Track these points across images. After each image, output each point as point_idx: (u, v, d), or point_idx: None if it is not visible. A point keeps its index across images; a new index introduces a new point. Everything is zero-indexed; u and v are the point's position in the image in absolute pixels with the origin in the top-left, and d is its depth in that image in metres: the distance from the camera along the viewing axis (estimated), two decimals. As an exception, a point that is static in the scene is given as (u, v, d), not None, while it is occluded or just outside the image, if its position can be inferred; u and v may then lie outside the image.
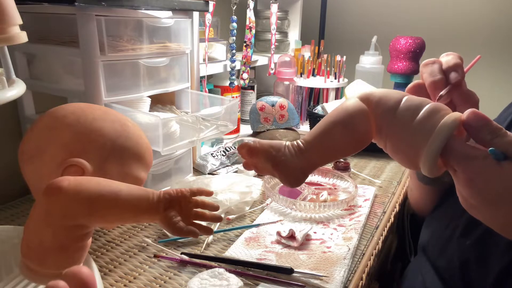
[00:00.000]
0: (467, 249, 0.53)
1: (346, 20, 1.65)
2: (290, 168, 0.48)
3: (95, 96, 0.65)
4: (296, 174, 0.48)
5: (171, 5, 0.73)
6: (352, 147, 0.49)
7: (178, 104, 0.88)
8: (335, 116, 0.48)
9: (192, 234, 0.44)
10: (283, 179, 0.49)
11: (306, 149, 0.48)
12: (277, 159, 0.48)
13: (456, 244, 0.55)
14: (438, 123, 0.40)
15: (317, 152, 0.48)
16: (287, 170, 0.48)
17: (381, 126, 0.45)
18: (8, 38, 0.42)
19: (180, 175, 0.85)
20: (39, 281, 0.43)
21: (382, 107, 0.45)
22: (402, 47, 1.19)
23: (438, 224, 0.63)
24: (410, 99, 0.44)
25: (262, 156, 0.48)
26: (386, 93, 0.46)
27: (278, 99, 1.16)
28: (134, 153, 0.54)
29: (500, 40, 1.40)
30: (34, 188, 0.52)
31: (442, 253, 0.58)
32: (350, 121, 0.47)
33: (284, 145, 0.49)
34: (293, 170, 0.48)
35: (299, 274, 0.56)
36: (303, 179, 0.49)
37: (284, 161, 0.48)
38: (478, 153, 0.37)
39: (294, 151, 0.48)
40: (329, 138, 0.48)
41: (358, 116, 0.46)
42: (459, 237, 0.55)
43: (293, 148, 0.49)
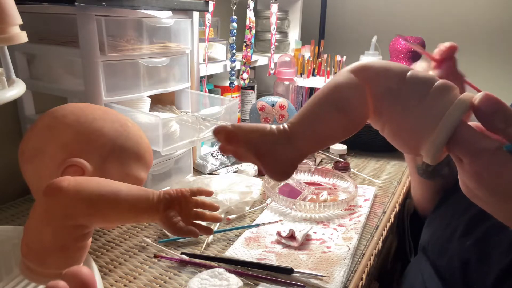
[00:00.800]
0: (468, 249, 0.53)
1: (346, 20, 1.65)
2: (276, 159, 0.41)
3: (95, 96, 0.65)
4: (284, 166, 0.42)
5: (171, 5, 0.73)
6: (346, 132, 0.43)
7: (178, 104, 0.88)
8: (325, 97, 0.42)
9: (192, 234, 0.44)
10: (269, 171, 0.42)
11: (293, 135, 0.41)
12: (261, 148, 0.41)
13: (457, 244, 0.55)
14: (448, 107, 0.35)
15: (307, 139, 0.42)
16: (273, 162, 0.41)
17: (380, 107, 0.40)
18: (8, 38, 0.42)
19: (180, 175, 0.85)
20: (39, 281, 0.43)
21: (382, 85, 0.40)
22: (402, 47, 1.19)
23: (438, 224, 0.63)
24: (414, 76, 0.39)
25: (242, 143, 0.41)
26: (385, 68, 0.40)
27: (278, 99, 1.16)
28: (134, 153, 0.54)
29: (501, 40, 1.40)
30: (34, 188, 0.52)
31: (442, 253, 0.58)
32: (344, 104, 0.41)
33: (267, 130, 0.42)
34: (280, 161, 0.41)
35: (299, 274, 0.56)
36: (292, 172, 0.43)
37: (269, 151, 0.41)
38: (488, 145, 0.34)
39: (280, 138, 0.41)
40: (320, 123, 0.41)
41: (353, 97, 0.41)
42: (459, 237, 0.55)
43: (279, 133, 0.42)
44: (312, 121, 0.42)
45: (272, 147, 0.41)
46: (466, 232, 0.54)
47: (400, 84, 0.39)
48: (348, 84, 0.41)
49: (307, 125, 0.42)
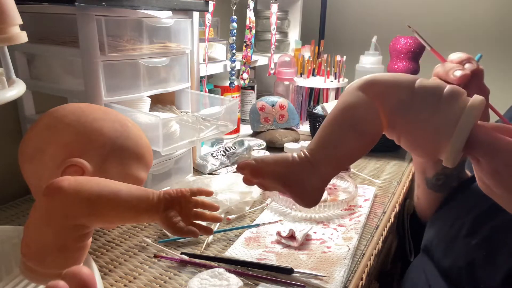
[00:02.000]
0: (473, 249, 0.52)
1: (346, 20, 1.65)
2: (305, 188, 0.42)
3: (95, 96, 0.65)
4: (313, 193, 0.43)
5: (171, 5, 0.73)
6: (364, 149, 0.44)
7: (178, 104, 0.88)
8: (341, 120, 0.42)
9: (192, 234, 0.44)
10: (299, 200, 0.43)
11: (317, 163, 0.42)
12: (288, 179, 0.42)
13: (462, 244, 0.54)
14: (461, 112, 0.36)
15: (330, 164, 0.42)
16: (301, 190, 0.42)
17: (394, 121, 0.41)
18: (8, 38, 0.42)
19: (180, 175, 0.85)
20: (39, 281, 0.43)
21: (393, 99, 0.40)
22: (402, 47, 1.19)
23: (441, 224, 0.62)
24: (423, 87, 0.39)
25: (268, 176, 0.42)
26: (393, 81, 0.41)
27: (278, 99, 1.16)
28: (134, 153, 0.54)
29: (501, 40, 1.40)
30: (34, 188, 0.52)
31: (446, 253, 0.57)
32: (360, 125, 0.41)
33: (291, 160, 0.43)
34: (308, 189, 0.42)
35: (299, 274, 0.56)
36: (320, 198, 0.43)
37: (296, 181, 0.42)
38: (505, 144, 0.35)
39: (304, 167, 0.42)
40: (340, 147, 0.42)
41: (367, 116, 0.41)
42: (464, 237, 0.54)
43: (301, 162, 0.42)
44: (332, 146, 0.42)
45: (298, 177, 0.42)
46: (471, 232, 0.54)
47: (410, 96, 0.39)
48: (359, 103, 0.41)
49: (328, 151, 0.42)
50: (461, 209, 0.58)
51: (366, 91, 0.41)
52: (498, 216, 0.51)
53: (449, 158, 0.38)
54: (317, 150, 0.43)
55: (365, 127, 0.42)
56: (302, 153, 0.43)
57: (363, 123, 0.41)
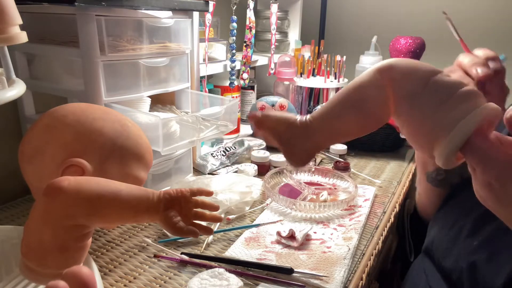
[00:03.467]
0: (475, 250, 0.51)
1: (346, 20, 1.65)
2: (295, 148, 0.46)
3: (95, 96, 0.65)
4: (301, 155, 0.47)
5: (171, 5, 0.73)
6: (362, 130, 0.45)
7: (178, 104, 0.88)
8: (347, 96, 0.43)
9: (192, 234, 0.44)
10: (287, 158, 0.47)
11: (313, 129, 0.45)
12: (283, 137, 0.46)
13: (463, 245, 0.54)
14: (467, 113, 0.36)
15: (325, 134, 0.45)
16: (292, 150, 0.46)
17: (401, 109, 0.41)
18: (8, 38, 0.42)
19: (180, 175, 0.85)
20: (39, 281, 0.43)
21: (404, 88, 0.40)
22: (402, 47, 1.19)
23: (442, 224, 0.62)
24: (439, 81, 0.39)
25: (268, 131, 0.47)
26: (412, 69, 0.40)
27: (278, 99, 1.16)
28: (134, 153, 0.54)
29: (501, 40, 1.40)
30: (34, 188, 0.52)
31: (447, 254, 0.57)
32: (364, 105, 0.42)
33: (291, 121, 0.46)
34: (298, 150, 0.46)
35: (299, 274, 0.56)
36: (308, 161, 0.47)
37: (289, 141, 0.46)
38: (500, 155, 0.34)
39: (300, 131, 0.45)
40: (338, 120, 0.44)
41: (374, 99, 0.41)
42: (465, 238, 0.54)
43: (301, 126, 0.46)
44: (331, 117, 0.45)
45: (292, 138, 0.45)
46: (472, 233, 0.53)
47: (422, 87, 0.39)
48: (370, 84, 0.42)
49: (326, 121, 0.45)
50: (462, 210, 0.58)
51: (383, 74, 0.41)
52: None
53: (441, 156, 0.37)
54: (317, 118, 0.45)
55: (371, 108, 0.42)
56: (304, 117, 0.46)
57: (369, 103, 0.42)
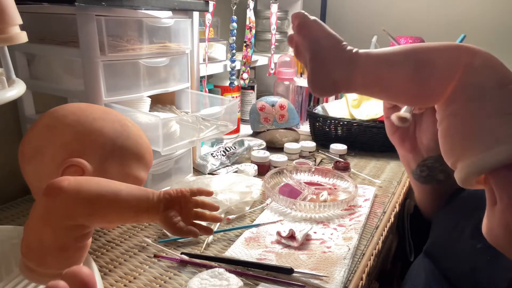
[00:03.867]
0: (478, 252, 0.50)
1: (346, 20, 1.65)
2: (325, 71, 0.39)
3: (95, 96, 0.65)
4: (328, 82, 0.39)
5: (171, 5, 0.73)
6: (405, 96, 0.39)
7: (178, 104, 0.88)
8: (415, 51, 0.37)
9: (192, 234, 0.44)
10: (312, 77, 0.40)
11: (357, 63, 0.39)
12: (320, 53, 0.39)
13: (465, 247, 0.53)
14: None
15: (366, 74, 0.39)
16: (321, 71, 0.39)
17: (457, 96, 0.36)
18: (8, 38, 0.42)
19: (180, 175, 0.85)
20: (39, 281, 0.43)
21: (480, 78, 0.35)
22: (402, 47, 1.19)
23: (444, 225, 0.61)
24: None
25: (309, 40, 0.40)
26: (496, 64, 0.37)
27: (278, 99, 1.16)
28: (134, 153, 0.54)
29: (501, 40, 1.40)
30: (34, 188, 0.52)
31: (449, 256, 0.56)
32: (427, 70, 0.37)
33: (340, 41, 0.40)
34: (327, 75, 0.39)
35: (299, 274, 0.56)
36: (329, 93, 0.41)
37: (325, 60, 0.39)
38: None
39: (344, 55, 0.39)
40: (391, 69, 0.38)
41: (440, 67, 0.36)
42: (468, 239, 0.52)
43: (347, 53, 0.39)
44: (383, 61, 0.38)
45: (329, 58, 0.39)
46: (475, 235, 0.51)
47: (497, 89, 0.35)
48: (445, 55, 0.37)
49: (376, 61, 0.38)
50: (464, 210, 0.57)
51: (463, 54, 0.37)
52: None
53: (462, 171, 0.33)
54: (368, 54, 0.39)
55: (428, 72, 0.37)
56: (354, 49, 0.40)
57: (429, 67, 0.37)
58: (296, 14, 0.40)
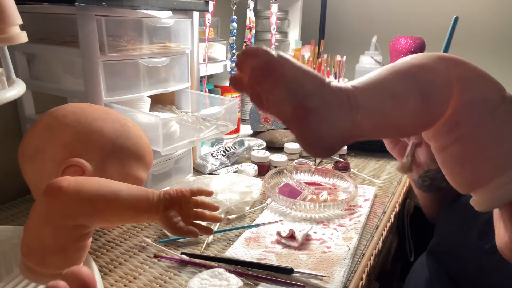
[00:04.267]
0: (485, 254, 0.49)
1: (346, 20, 1.65)
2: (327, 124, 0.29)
3: (95, 96, 0.65)
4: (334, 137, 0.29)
5: (171, 5, 0.73)
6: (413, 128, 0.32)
7: (178, 104, 0.88)
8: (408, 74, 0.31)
9: (192, 234, 0.44)
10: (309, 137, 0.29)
11: (358, 104, 0.30)
12: (310, 102, 0.28)
13: (472, 248, 0.52)
14: None
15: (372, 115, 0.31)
16: (320, 126, 0.29)
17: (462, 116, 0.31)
18: (8, 38, 0.42)
19: (180, 175, 0.85)
20: (39, 281, 0.43)
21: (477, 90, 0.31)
22: (402, 47, 1.19)
23: (450, 224, 0.59)
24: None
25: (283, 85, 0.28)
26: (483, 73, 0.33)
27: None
28: (134, 153, 0.54)
29: (502, 40, 1.40)
30: (34, 188, 0.52)
31: (455, 256, 0.55)
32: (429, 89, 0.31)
33: (324, 81, 0.30)
34: (330, 129, 0.29)
35: (299, 274, 0.56)
36: (338, 149, 0.31)
37: (320, 110, 0.28)
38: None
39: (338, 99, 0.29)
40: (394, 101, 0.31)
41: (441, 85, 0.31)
42: (475, 240, 0.51)
43: (338, 92, 0.30)
44: (384, 95, 0.31)
45: (323, 107, 0.28)
46: (482, 235, 0.51)
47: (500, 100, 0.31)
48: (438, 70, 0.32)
49: (377, 99, 0.31)
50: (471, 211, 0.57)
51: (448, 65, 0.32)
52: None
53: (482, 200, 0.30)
54: (364, 90, 0.31)
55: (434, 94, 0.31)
56: (342, 84, 0.31)
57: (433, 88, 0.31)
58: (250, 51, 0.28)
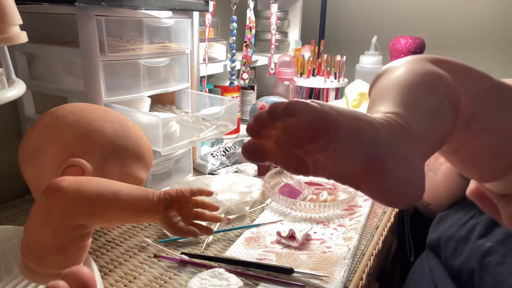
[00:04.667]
0: (487, 252, 0.50)
1: (346, 20, 1.65)
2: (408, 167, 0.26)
3: (95, 96, 0.65)
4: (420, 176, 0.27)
5: (171, 5, 0.73)
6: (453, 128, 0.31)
7: (178, 104, 0.88)
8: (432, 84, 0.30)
9: (192, 234, 0.44)
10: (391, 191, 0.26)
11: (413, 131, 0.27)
12: (380, 149, 0.25)
13: (474, 245, 0.52)
14: None
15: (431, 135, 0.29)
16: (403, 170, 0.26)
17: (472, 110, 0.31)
18: (8, 38, 0.42)
19: (180, 175, 0.85)
20: (39, 281, 0.43)
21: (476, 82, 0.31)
22: (402, 47, 1.19)
23: (452, 222, 0.59)
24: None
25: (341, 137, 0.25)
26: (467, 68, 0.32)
27: (278, 99, 1.16)
28: (134, 153, 0.54)
29: (501, 40, 1.40)
30: (34, 188, 0.52)
31: (457, 253, 0.55)
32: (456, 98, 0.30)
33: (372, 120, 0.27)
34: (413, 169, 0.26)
35: (299, 274, 0.56)
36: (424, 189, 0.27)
37: (395, 153, 0.25)
38: None
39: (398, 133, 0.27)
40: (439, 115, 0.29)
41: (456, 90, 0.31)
42: (477, 238, 0.52)
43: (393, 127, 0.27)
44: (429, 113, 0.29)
45: (398, 147, 0.26)
46: (485, 233, 0.51)
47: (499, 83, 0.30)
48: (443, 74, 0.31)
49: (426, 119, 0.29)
50: (474, 209, 0.56)
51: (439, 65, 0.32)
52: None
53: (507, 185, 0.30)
54: (409, 116, 0.28)
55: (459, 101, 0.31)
56: (385, 115, 0.28)
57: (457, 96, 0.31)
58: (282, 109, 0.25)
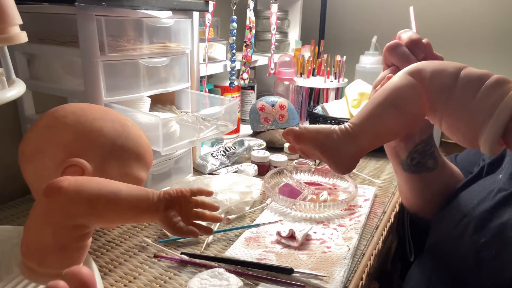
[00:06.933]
0: (482, 247, 0.51)
1: (346, 20, 1.65)
2: (340, 155, 0.47)
3: (95, 96, 0.65)
4: (347, 161, 0.47)
5: (171, 5, 0.73)
6: (404, 129, 0.48)
7: (178, 104, 0.88)
8: (385, 98, 0.46)
9: (192, 234, 0.44)
10: (333, 166, 0.48)
11: (355, 134, 0.47)
12: (325, 146, 0.47)
13: (469, 242, 0.53)
14: (501, 100, 0.38)
15: (367, 137, 0.47)
16: (336, 157, 0.47)
17: (435, 105, 0.44)
18: (8, 38, 0.42)
19: (180, 175, 0.85)
20: (39, 281, 0.43)
21: (437, 84, 0.43)
22: (402, 47, 1.19)
23: (446, 223, 0.61)
24: (468, 74, 0.42)
25: (309, 142, 0.48)
26: (440, 67, 0.44)
27: (278, 99, 1.16)
28: (134, 153, 0.54)
29: (500, 39, 1.40)
30: (34, 188, 0.52)
31: (453, 252, 0.56)
32: (402, 103, 0.45)
33: (331, 130, 0.48)
34: (343, 157, 0.47)
35: (299, 274, 0.56)
36: (354, 165, 0.48)
37: (333, 148, 0.47)
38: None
39: (342, 137, 0.47)
40: (380, 122, 0.46)
41: (410, 96, 0.44)
42: (471, 235, 0.53)
43: (341, 133, 0.47)
44: (372, 120, 0.46)
45: (335, 144, 0.47)
46: (478, 230, 0.52)
47: (454, 81, 0.42)
48: (404, 84, 0.45)
49: (367, 124, 0.47)
50: (466, 208, 0.57)
51: (414, 75, 0.45)
52: (506, 213, 0.50)
53: (486, 141, 0.39)
54: (357, 123, 0.47)
55: (407, 106, 0.45)
56: (343, 125, 0.48)
57: (405, 102, 0.45)
58: (286, 131, 0.49)
